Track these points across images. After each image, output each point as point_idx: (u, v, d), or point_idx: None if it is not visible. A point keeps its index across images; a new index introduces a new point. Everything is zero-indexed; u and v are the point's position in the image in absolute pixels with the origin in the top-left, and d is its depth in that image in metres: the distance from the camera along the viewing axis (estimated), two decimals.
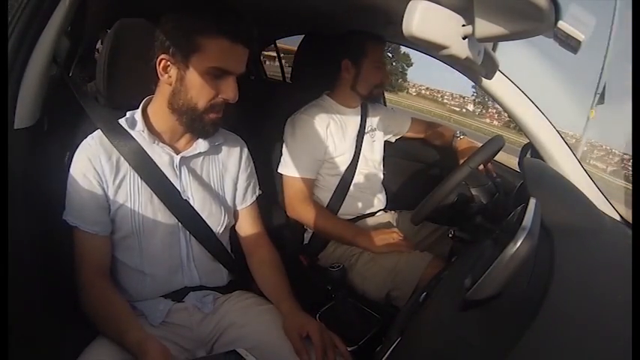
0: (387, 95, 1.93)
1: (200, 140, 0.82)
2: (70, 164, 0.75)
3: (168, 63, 0.72)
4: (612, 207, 0.91)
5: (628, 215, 0.88)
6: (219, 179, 0.87)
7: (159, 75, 0.74)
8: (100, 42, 1.54)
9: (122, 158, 0.76)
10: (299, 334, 0.73)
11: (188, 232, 0.81)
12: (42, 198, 0.74)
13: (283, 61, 2.31)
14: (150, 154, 0.77)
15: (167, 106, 0.75)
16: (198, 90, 0.72)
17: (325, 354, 0.71)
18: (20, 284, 0.61)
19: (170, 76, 0.73)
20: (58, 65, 0.82)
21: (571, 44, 0.58)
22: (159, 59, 0.72)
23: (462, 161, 1.19)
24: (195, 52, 0.70)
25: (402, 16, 0.51)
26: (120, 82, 0.82)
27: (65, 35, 0.86)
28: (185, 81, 0.72)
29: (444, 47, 0.54)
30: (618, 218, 0.89)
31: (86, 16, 1.14)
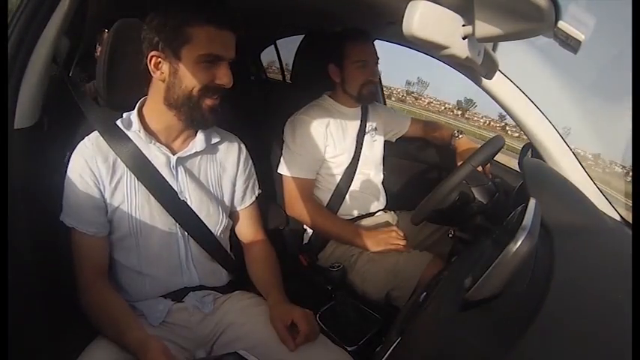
0: None
1: (196, 139, 0.82)
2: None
3: (159, 59, 0.73)
4: (612, 207, 0.91)
5: (628, 215, 0.88)
6: (217, 180, 0.86)
7: (151, 73, 0.74)
8: (98, 43, 1.54)
9: (119, 159, 0.76)
10: (283, 322, 0.74)
11: (186, 233, 0.81)
12: (42, 198, 0.74)
13: None
14: (146, 155, 0.77)
15: (163, 103, 0.76)
16: (191, 78, 0.72)
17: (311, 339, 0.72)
18: (20, 284, 0.60)
19: (162, 72, 0.73)
20: (58, 65, 0.82)
21: (571, 44, 0.58)
22: (149, 57, 0.73)
23: (461, 161, 1.19)
24: (184, 44, 0.70)
25: (402, 16, 0.51)
26: (119, 82, 0.82)
27: (65, 35, 0.86)
28: (179, 73, 0.72)
29: (444, 47, 0.54)
30: (618, 218, 0.89)
31: (86, 16, 1.14)
